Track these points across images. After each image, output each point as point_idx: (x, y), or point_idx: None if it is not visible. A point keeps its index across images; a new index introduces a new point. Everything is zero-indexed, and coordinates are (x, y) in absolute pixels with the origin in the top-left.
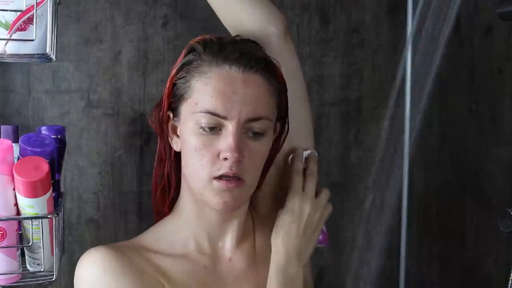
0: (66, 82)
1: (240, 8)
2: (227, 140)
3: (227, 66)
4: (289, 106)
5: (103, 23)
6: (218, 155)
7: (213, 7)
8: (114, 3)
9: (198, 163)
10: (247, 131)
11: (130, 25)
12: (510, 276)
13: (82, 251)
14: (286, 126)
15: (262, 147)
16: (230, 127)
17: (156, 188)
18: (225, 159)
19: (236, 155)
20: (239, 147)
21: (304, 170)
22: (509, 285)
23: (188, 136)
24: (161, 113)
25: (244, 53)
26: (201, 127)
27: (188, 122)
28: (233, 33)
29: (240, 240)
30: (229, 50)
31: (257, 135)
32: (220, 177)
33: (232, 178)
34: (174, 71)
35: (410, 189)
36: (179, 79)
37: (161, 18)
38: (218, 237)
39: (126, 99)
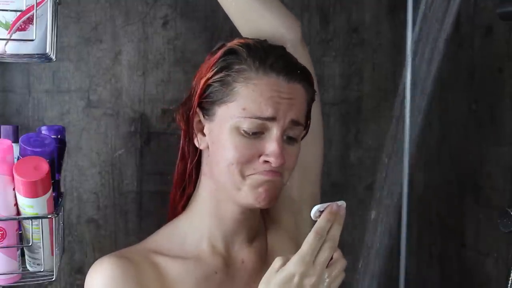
0: (66, 82)
1: (256, 14)
2: (271, 145)
3: (274, 75)
4: None
5: (103, 23)
6: (257, 157)
7: (228, 13)
8: (114, 3)
9: (236, 161)
10: (285, 135)
11: (130, 25)
12: (510, 276)
13: (82, 251)
14: (304, 132)
15: (296, 152)
16: (274, 131)
17: (178, 185)
18: (265, 162)
19: (282, 161)
20: (283, 152)
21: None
22: (509, 285)
23: (225, 135)
24: (190, 112)
25: (288, 62)
26: (244, 130)
27: (226, 124)
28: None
29: (252, 240)
30: (272, 58)
31: (292, 140)
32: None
33: (271, 170)
34: (210, 72)
35: (410, 189)
36: (217, 81)
37: (161, 18)
38: (233, 238)
39: (126, 99)
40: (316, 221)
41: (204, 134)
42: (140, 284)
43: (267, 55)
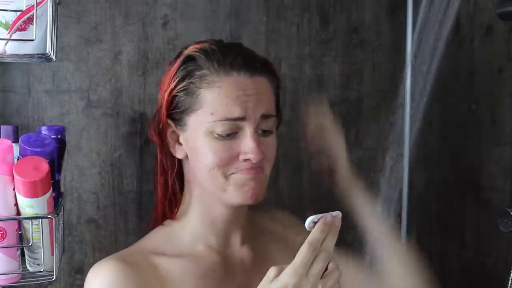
0: (66, 82)
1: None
2: (247, 142)
3: (235, 73)
4: None
5: (103, 23)
6: (236, 156)
7: None
8: (114, 3)
9: (216, 165)
10: (259, 130)
11: (130, 25)
12: (510, 276)
13: (82, 251)
14: (278, 120)
15: (273, 142)
16: (247, 128)
17: (163, 199)
18: (245, 160)
19: (261, 156)
20: (260, 147)
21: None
22: (509, 285)
23: (201, 142)
24: (160, 125)
25: (247, 57)
26: (218, 134)
27: (199, 131)
28: None
29: (249, 238)
30: (231, 57)
31: (266, 132)
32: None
33: (252, 168)
34: (173, 84)
35: (410, 189)
36: (181, 91)
37: (161, 18)
38: (227, 237)
39: (126, 99)
40: (310, 231)
41: (180, 144)
42: (140, 287)
43: (224, 55)
